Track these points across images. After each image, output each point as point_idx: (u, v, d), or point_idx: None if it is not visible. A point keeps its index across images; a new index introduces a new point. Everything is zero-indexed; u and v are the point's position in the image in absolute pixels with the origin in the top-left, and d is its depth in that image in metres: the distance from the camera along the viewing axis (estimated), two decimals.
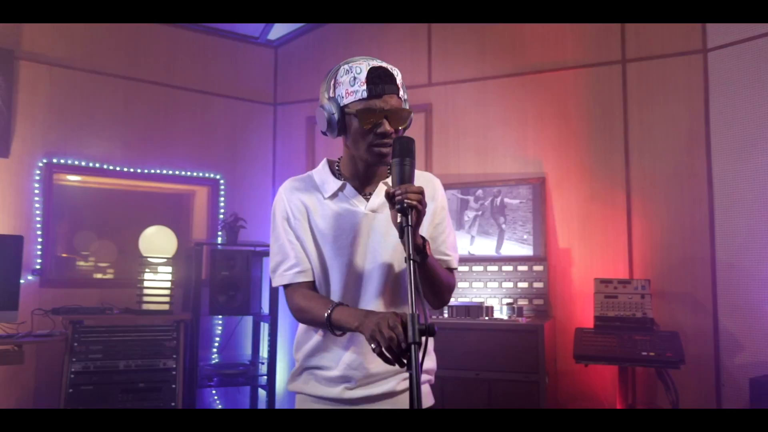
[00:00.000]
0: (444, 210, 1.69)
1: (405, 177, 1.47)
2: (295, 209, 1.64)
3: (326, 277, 1.62)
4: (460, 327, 3.35)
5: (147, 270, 3.57)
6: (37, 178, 3.82)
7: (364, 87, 1.52)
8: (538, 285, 3.72)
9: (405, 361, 1.32)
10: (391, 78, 1.55)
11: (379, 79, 1.53)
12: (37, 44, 3.89)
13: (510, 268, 3.78)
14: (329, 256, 1.61)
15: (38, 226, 3.79)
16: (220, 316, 4.19)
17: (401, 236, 1.38)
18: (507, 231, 3.89)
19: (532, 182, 3.89)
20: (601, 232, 3.75)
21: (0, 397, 3.51)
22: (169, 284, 3.60)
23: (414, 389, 1.25)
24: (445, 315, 3.52)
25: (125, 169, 4.11)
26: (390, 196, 1.43)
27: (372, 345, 1.36)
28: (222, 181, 4.44)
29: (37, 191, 3.81)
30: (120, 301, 3.81)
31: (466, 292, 3.82)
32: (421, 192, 1.41)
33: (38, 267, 3.75)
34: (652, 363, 3.12)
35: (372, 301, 1.59)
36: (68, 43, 3.99)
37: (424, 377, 1.65)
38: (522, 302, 3.70)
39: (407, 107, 1.60)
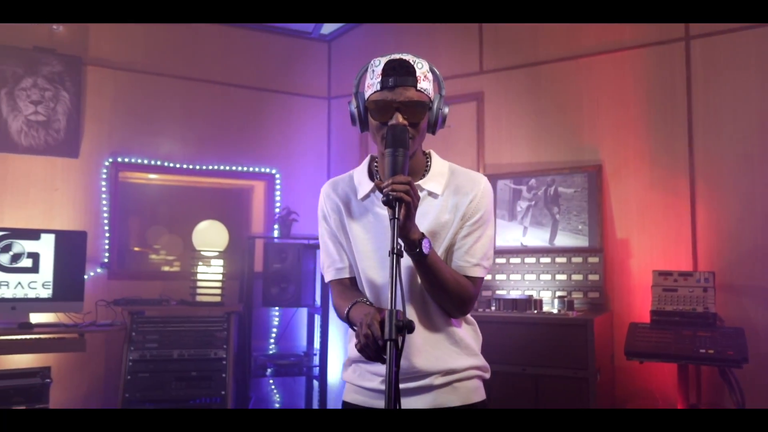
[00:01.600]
0: (479, 213, 1.58)
1: (397, 168, 1.43)
2: (331, 209, 1.66)
3: (359, 277, 1.64)
4: (506, 320, 3.26)
5: (200, 263, 3.70)
6: (104, 176, 4.05)
7: (379, 79, 1.51)
8: (593, 277, 3.55)
9: (385, 357, 1.30)
10: (408, 70, 1.51)
11: (393, 71, 1.51)
12: (102, 50, 4.12)
13: (564, 259, 3.64)
14: (359, 258, 1.61)
15: (105, 222, 4.02)
16: (277, 308, 4.30)
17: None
18: (561, 221, 3.74)
19: (588, 170, 3.72)
20: (662, 221, 3.53)
21: (74, 383, 3.77)
22: (220, 277, 3.73)
23: (391, 386, 1.23)
24: (492, 308, 3.44)
25: (186, 166, 4.28)
26: (379, 190, 1.40)
27: (355, 342, 1.37)
28: (278, 176, 4.53)
29: (104, 189, 4.04)
30: (180, 293, 3.98)
31: (518, 284, 3.71)
32: (408, 183, 1.37)
33: (106, 260, 3.97)
34: (711, 361, 2.91)
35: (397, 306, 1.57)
36: (130, 48, 4.19)
37: (472, 372, 1.62)
38: (576, 295, 3.55)
39: (435, 101, 1.55)
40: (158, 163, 4.22)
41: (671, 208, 3.51)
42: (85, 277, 3.83)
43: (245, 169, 4.46)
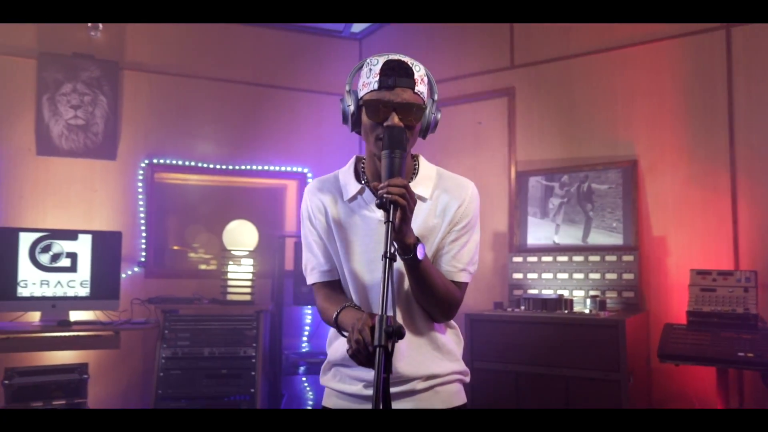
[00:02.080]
0: (467, 218, 1.58)
1: (394, 171, 1.41)
2: (315, 209, 1.64)
3: (345, 280, 1.62)
4: (535, 320, 3.20)
5: (230, 262, 3.76)
6: (140, 177, 4.15)
7: (377, 78, 1.49)
8: (628, 276, 3.44)
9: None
10: (407, 71, 1.50)
11: (392, 71, 1.49)
12: (137, 54, 4.22)
13: (597, 258, 3.54)
14: (344, 260, 1.59)
15: (142, 222, 4.12)
16: (309, 306, 4.32)
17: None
18: (594, 219, 3.64)
19: (623, 165, 3.60)
20: (701, 218, 3.39)
21: (113, 378, 3.88)
22: (251, 276, 3.77)
23: (379, 393, 1.22)
24: (522, 308, 3.37)
25: (220, 167, 4.36)
26: (373, 192, 1.39)
27: (346, 348, 1.36)
28: (310, 175, 4.56)
29: (140, 190, 4.14)
30: (214, 291, 4.04)
31: (550, 283, 3.63)
32: (404, 186, 1.35)
33: (143, 259, 4.08)
34: (750, 365, 2.77)
35: (388, 308, 1.54)
36: (164, 52, 4.28)
37: (453, 377, 1.61)
38: (610, 295, 3.45)
39: (430, 105, 1.54)
40: (192, 163, 4.30)
41: (711, 204, 3.37)
42: (123, 275, 3.95)
43: (278, 168, 4.50)
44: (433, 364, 1.56)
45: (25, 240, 3.47)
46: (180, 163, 4.27)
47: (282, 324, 3.92)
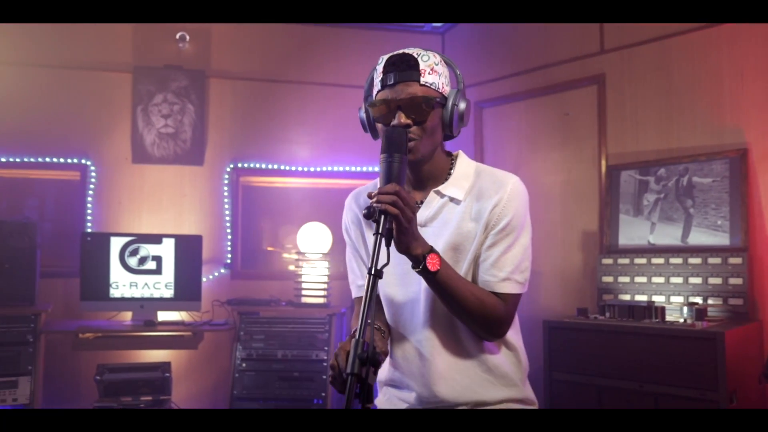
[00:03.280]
0: (505, 219, 1.39)
1: (392, 176, 1.29)
2: (350, 221, 1.58)
3: (380, 294, 1.51)
4: (620, 330, 2.89)
5: (305, 264, 3.75)
6: (226, 182, 4.27)
7: (380, 78, 1.42)
8: (735, 281, 3.02)
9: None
10: (409, 63, 1.39)
11: (392, 67, 1.40)
12: (222, 62, 4.35)
13: (698, 260, 3.14)
14: None
15: (227, 224, 4.24)
16: None
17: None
18: (696, 216, 3.24)
19: (729, 156, 3.17)
20: None
21: (197, 376, 4.01)
22: (325, 279, 3.74)
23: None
24: (606, 315, 3.07)
25: (303, 168, 4.39)
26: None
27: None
28: None
29: (226, 194, 4.27)
30: (292, 293, 4.06)
31: (643, 288, 3.28)
32: (395, 192, 1.22)
33: (228, 261, 4.19)
34: None
35: (423, 326, 1.42)
36: (247, 58, 4.38)
37: (508, 405, 1.43)
38: (714, 301, 3.05)
39: (450, 97, 1.41)
40: (276, 166, 4.36)
41: None
42: (210, 277, 4.08)
43: (360, 168, 4.46)
44: (482, 388, 1.40)
45: (116, 244, 3.67)
46: (264, 166, 4.34)
47: None
